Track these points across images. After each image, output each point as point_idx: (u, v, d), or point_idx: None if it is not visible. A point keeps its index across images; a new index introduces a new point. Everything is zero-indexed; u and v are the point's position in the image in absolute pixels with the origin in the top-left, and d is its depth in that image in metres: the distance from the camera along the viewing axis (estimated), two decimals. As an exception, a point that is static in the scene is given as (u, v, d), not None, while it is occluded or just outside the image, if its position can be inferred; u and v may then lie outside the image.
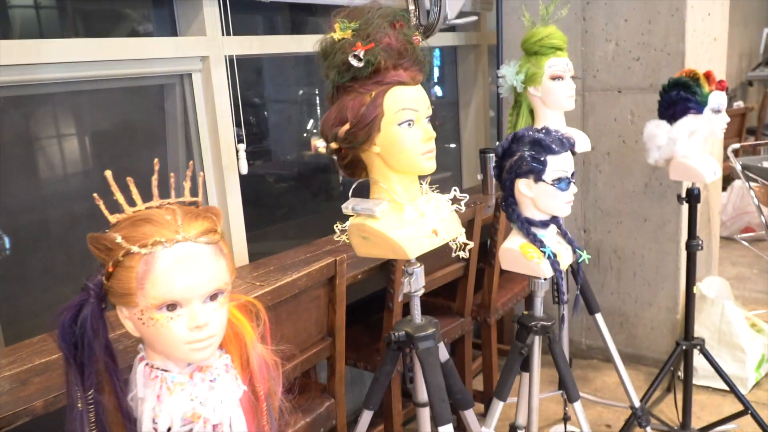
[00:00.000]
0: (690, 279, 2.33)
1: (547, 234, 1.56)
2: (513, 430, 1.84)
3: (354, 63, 1.20)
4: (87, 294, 0.86)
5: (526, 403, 1.75)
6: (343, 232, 1.43)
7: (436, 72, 3.44)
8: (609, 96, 2.80)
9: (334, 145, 1.29)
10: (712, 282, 2.96)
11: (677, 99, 2.11)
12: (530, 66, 2.05)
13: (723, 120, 2.10)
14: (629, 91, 2.75)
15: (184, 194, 0.93)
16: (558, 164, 1.46)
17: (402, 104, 1.25)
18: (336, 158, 1.36)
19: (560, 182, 1.46)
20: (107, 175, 0.87)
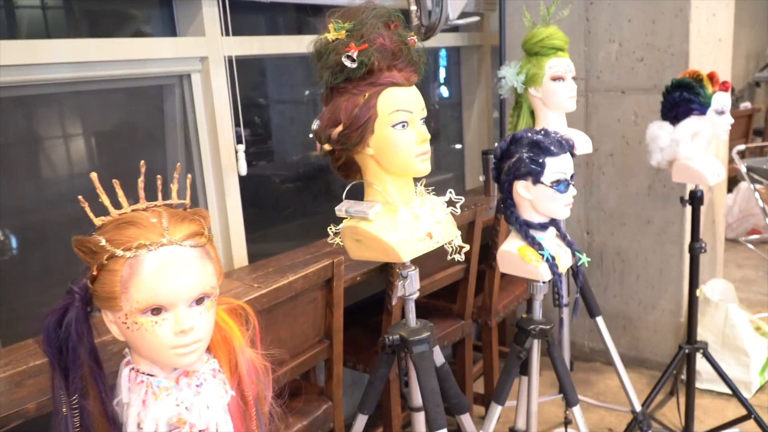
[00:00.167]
0: (693, 282, 2.30)
1: (546, 236, 1.54)
2: (512, 434, 1.83)
3: (347, 64, 1.19)
4: (72, 297, 0.85)
5: (525, 407, 1.73)
6: (337, 235, 1.41)
7: (443, 72, 3.42)
8: (612, 97, 2.78)
9: (328, 147, 1.28)
10: (716, 285, 2.93)
11: (680, 100, 2.09)
12: (531, 67, 2.03)
13: (727, 121, 2.08)
14: (633, 92, 2.72)
15: (172, 197, 0.92)
16: (557, 166, 1.45)
17: (396, 105, 1.23)
18: (330, 160, 1.34)
19: (559, 184, 1.45)
20: (93, 178, 0.86)
